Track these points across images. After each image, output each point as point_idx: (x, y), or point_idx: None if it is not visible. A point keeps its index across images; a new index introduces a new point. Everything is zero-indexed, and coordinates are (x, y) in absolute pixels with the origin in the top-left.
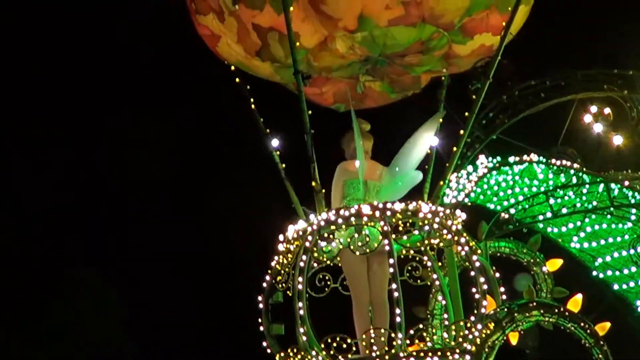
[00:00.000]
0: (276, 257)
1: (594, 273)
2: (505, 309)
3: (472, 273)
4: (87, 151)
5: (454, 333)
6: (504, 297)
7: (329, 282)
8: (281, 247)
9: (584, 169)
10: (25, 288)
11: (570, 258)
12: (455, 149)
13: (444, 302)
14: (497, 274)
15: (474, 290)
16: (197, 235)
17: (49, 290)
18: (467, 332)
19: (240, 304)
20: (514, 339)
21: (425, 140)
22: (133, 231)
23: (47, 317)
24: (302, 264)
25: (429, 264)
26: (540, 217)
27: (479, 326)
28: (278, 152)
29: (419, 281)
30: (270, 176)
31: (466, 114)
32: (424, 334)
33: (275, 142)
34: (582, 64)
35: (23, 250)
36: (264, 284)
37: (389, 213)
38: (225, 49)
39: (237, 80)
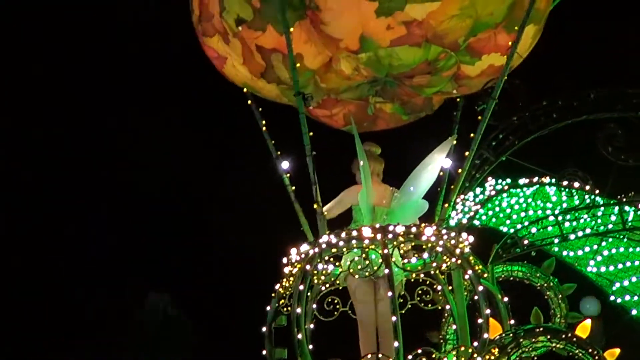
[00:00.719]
0: (280, 281)
1: (612, 298)
2: (511, 334)
3: (476, 297)
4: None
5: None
6: (512, 321)
7: (338, 306)
8: (286, 270)
9: (597, 192)
10: (97, 317)
11: (586, 282)
12: (460, 170)
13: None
14: (506, 299)
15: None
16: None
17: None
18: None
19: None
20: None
21: (436, 165)
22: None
23: (121, 345)
24: (301, 287)
25: (439, 287)
26: (555, 240)
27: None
28: (288, 175)
29: (429, 305)
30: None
31: (472, 135)
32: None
33: (285, 165)
34: (596, 83)
35: (94, 280)
36: (268, 308)
37: (390, 236)
38: (231, 71)
39: (250, 102)
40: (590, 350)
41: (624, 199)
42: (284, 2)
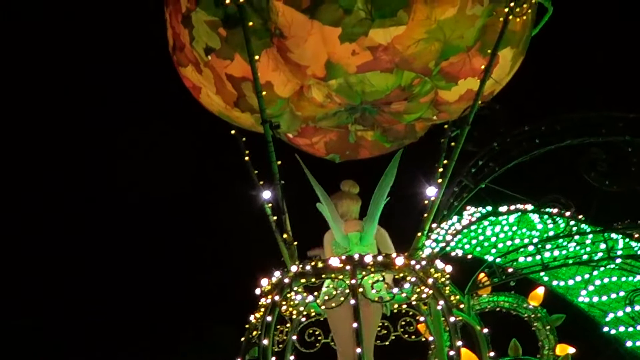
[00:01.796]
0: (254, 312)
1: (605, 329)
2: None
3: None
4: None
5: None
6: (492, 353)
7: (319, 337)
8: (261, 301)
9: (581, 218)
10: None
11: (575, 313)
12: (433, 199)
13: None
14: (486, 330)
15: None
16: None
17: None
18: None
19: None
20: None
21: (382, 188)
22: None
23: None
24: (269, 318)
25: (422, 318)
26: (539, 271)
27: None
28: (270, 205)
29: (413, 337)
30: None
31: (445, 162)
32: None
33: (267, 194)
34: (579, 108)
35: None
36: (242, 339)
37: (360, 266)
38: (207, 100)
39: (233, 131)
40: None
41: (608, 227)
42: (248, 30)
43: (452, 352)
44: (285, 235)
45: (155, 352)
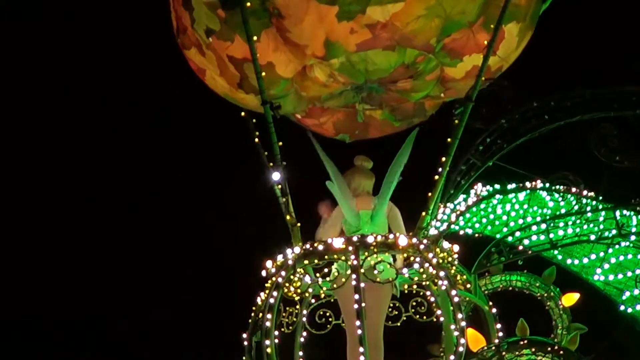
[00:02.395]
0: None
1: (622, 307)
2: (494, 348)
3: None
4: None
5: None
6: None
7: (330, 319)
8: (268, 283)
9: (592, 195)
10: None
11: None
12: (436, 177)
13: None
14: (494, 310)
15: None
16: None
17: None
18: None
19: None
20: None
21: (396, 166)
22: None
23: None
24: (271, 300)
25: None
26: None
27: None
28: (279, 186)
29: (424, 317)
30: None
31: (448, 140)
32: None
33: (277, 176)
34: (591, 83)
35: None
36: (249, 321)
37: (363, 246)
38: (212, 82)
39: (243, 113)
40: None
41: (620, 204)
42: (246, 11)
43: (456, 332)
44: (288, 217)
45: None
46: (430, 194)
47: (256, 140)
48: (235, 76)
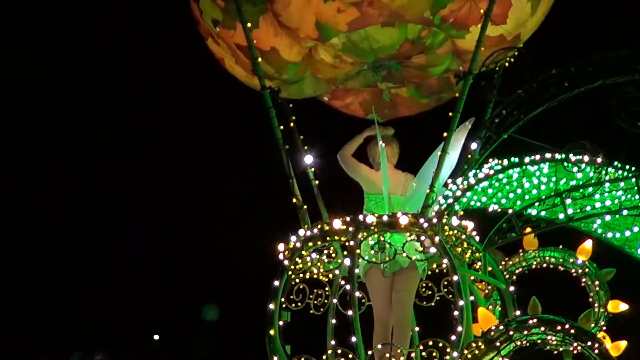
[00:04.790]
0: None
1: None
2: (502, 327)
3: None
4: None
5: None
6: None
7: (363, 300)
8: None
9: (615, 164)
10: None
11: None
12: (440, 153)
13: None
14: (512, 288)
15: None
16: None
17: None
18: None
19: None
20: None
21: (452, 152)
22: None
23: None
24: (276, 283)
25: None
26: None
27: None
28: (312, 169)
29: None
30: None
31: (450, 114)
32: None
33: (309, 159)
34: (614, 46)
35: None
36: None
37: (362, 227)
38: (232, 70)
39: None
40: (590, 343)
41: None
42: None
43: (455, 312)
44: (294, 200)
45: None
46: (434, 172)
47: (292, 124)
48: (246, 63)
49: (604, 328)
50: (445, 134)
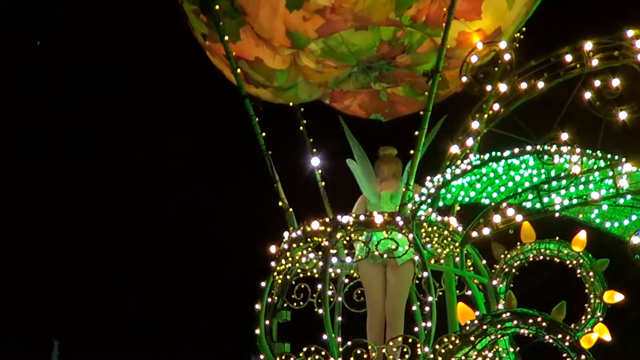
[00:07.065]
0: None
1: None
2: (476, 322)
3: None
4: None
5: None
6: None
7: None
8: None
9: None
10: None
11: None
12: (412, 151)
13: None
14: (494, 282)
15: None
16: None
17: None
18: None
19: None
20: None
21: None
22: None
23: None
24: (263, 283)
25: None
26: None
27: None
28: (320, 171)
29: (457, 292)
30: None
31: (421, 112)
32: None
33: (316, 161)
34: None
35: None
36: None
37: (339, 227)
38: (231, 79)
39: (291, 104)
40: (561, 336)
41: (616, 161)
42: (215, 13)
43: (427, 308)
44: (280, 203)
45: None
46: (408, 169)
47: (301, 128)
48: (240, 73)
49: (601, 319)
50: (416, 133)
